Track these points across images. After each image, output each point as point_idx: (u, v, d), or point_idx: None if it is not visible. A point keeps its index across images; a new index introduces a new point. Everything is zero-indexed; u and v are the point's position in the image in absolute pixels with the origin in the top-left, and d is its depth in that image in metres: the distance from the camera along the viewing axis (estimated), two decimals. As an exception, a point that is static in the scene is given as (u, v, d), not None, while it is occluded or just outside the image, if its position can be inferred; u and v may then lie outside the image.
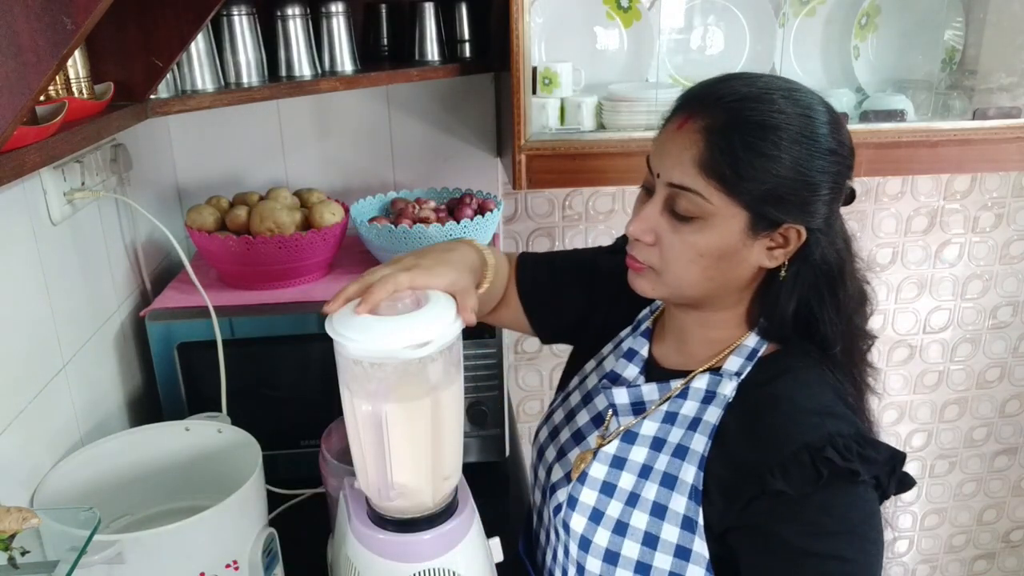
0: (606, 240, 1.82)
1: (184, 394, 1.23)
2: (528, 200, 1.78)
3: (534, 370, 1.93)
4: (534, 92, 1.45)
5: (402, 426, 0.76)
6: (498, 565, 0.90)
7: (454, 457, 0.82)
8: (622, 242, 1.10)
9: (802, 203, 0.78)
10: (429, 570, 0.79)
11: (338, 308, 0.77)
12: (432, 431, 0.77)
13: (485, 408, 1.30)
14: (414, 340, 0.73)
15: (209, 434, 1.01)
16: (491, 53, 1.54)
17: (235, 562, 0.86)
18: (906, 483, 0.80)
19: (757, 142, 0.76)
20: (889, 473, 0.77)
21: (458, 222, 1.30)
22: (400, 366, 0.74)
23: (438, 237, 1.28)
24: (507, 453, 1.36)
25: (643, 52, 1.55)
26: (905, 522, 2.29)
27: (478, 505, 0.86)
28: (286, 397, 1.26)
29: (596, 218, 1.81)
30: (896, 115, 1.46)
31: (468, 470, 0.87)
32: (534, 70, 1.45)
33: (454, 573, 0.80)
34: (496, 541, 0.90)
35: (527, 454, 2.04)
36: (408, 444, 0.77)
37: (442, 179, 1.68)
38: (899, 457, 0.78)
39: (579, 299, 1.04)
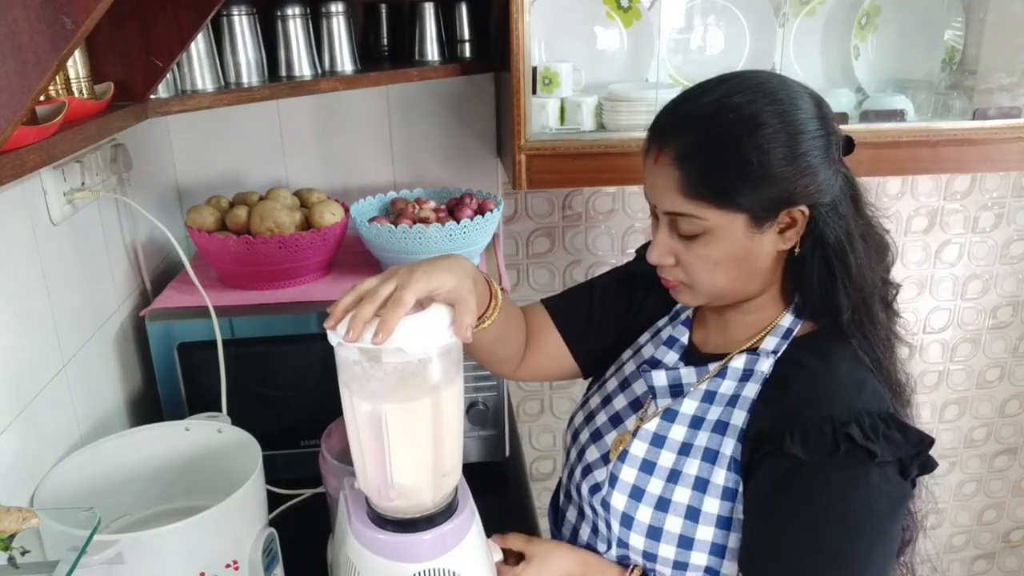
0: (606, 240, 1.82)
1: (184, 394, 1.23)
2: (528, 200, 1.78)
3: (534, 370, 1.93)
4: (534, 92, 1.45)
5: (402, 426, 0.76)
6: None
7: (454, 457, 0.82)
8: (642, 251, 1.13)
9: (792, 188, 0.81)
10: (429, 570, 0.79)
11: (336, 324, 0.74)
12: (432, 431, 0.77)
13: (485, 408, 1.30)
14: (413, 341, 0.73)
15: (209, 434, 1.01)
16: (491, 53, 1.54)
17: (235, 562, 0.86)
18: (928, 465, 0.82)
19: (724, 155, 0.80)
20: (914, 455, 0.80)
21: (458, 222, 1.30)
22: (400, 366, 0.75)
23: (438, 237, 1.28)
24: (507, 453, 1.35)
25: (643, 52, 1.55)
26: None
27: (478, 505, 0.86)
28: (286, 397, 1.26)
29: (596, 218, 1.81)
30: (896, 115, 1.46)
31: (468, 470, 0.87)
32: (534, 70, 1.44)
33: (454, 573, 0.80)
34: (496, 541, 0.90)
35: (527, 454, 2.04)
36: (408, 444, 0.77)
37: (442, 179, 1.68)
38: (927, 441, 0.80)
39: (620, 313, 1.07)
